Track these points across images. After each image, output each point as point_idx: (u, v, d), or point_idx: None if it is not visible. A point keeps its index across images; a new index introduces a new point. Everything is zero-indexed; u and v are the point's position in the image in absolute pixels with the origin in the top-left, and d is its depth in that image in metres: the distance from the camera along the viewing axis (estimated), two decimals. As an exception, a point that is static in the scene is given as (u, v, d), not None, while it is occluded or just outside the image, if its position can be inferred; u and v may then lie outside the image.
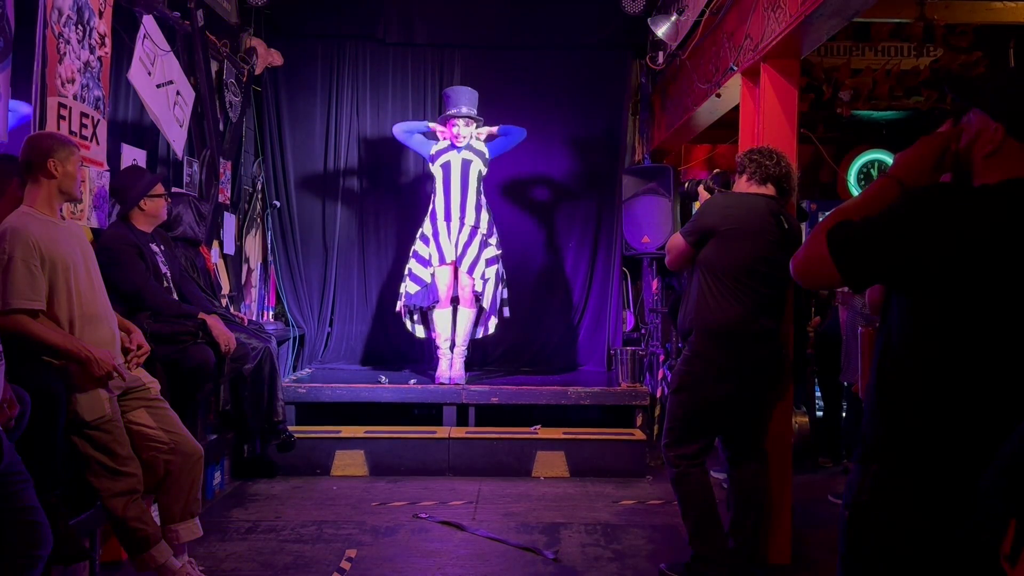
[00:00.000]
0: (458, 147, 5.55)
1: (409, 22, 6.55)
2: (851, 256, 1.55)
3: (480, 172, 5.58)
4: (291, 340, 6.45)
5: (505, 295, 5.81)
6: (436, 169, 5.59)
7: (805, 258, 1.62)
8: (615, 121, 6.68)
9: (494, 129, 5.65)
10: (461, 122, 5.49)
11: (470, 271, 5.53)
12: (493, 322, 5.74)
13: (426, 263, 5.61)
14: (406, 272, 5.69)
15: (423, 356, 6.53)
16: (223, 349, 4.02)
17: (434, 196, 5.64)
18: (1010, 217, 1.47)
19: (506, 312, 5.80)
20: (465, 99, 5.53)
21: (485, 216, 5.64)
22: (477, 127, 5.60)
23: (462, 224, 5.52)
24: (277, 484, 4.95)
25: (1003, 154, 1.54)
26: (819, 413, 5.78)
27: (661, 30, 5.03)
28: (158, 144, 4.72)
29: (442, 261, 5.53)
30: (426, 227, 5.65)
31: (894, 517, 1.53)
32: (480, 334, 5.82)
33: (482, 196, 5.63)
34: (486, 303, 5.66)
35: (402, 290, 5.70)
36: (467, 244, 5.52)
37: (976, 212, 1.48)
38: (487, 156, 5.62)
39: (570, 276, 6.75)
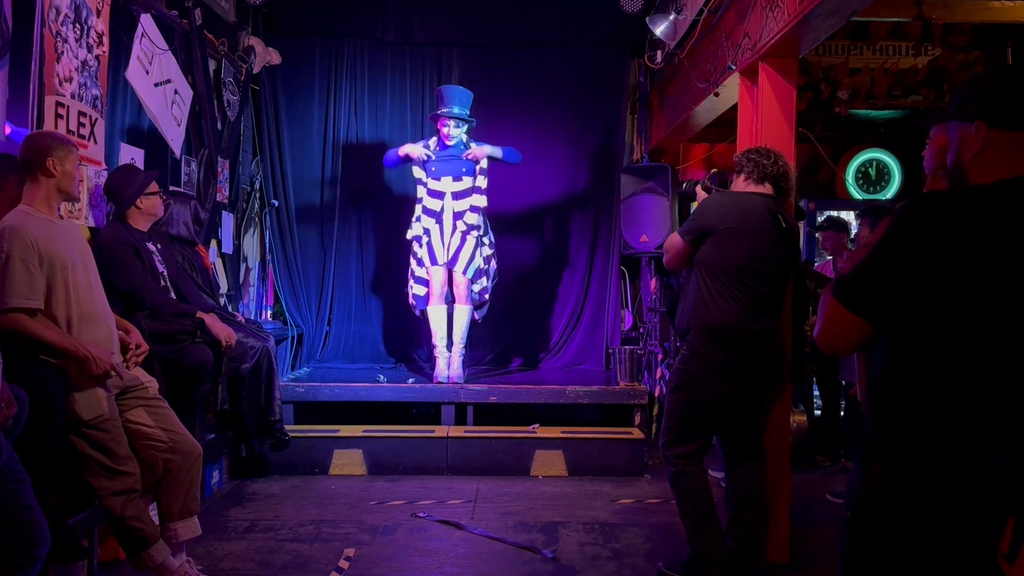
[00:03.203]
0: (448, 146, 5.52)
1: (407, 21, 6.55)
2: (865, 291, 1.54)
3: (472, 191, 5.58)
4: (289, 339, 6.45)
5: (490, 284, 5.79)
6: (427, 174, 5.57)
7: (824, 325, 1.61)
8: (613, 120, 6.68)
9: (497, 153, 5.55)
10: (452, 122, 5.48)
11: (465, 271, 5.52)
12: (479, 315, 5.77)
13: (421, 263, 5.60)
14: (409, 274, 5.70)
15: (421, 355, 6.53)
16: (223, 345, 4.02)
17: (424, 197, 5.60)
18: (1007, 216, 1.47)
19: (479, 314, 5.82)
20: (457, 98, 5.52)
21: (480, 215, 5.63)
22: (469, 135, 5.57)
23: (455, 227, 5.51)
24: (275, 483, 4.95)
25: (991, 149, 1.54)
26: (817, 412, 5.79)
27: (659, 29, 5.03)
28: (156, 143, 4.71)
29: (434, 263, 5.52)
30: (416, 228, 5.62)
31: (896, 517, 1.53)
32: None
33: (476, 197, 5.61)
34: (480, 300, 5.68)
35: (409, 291, 5.70)
36: (460, 246, 5.51)
37: (972, 211, 1.48)
38: (481, 174, 5.58)
39: (568, 275, 6.75)
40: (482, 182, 5.58)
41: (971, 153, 1.56)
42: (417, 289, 5.64)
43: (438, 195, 5.52)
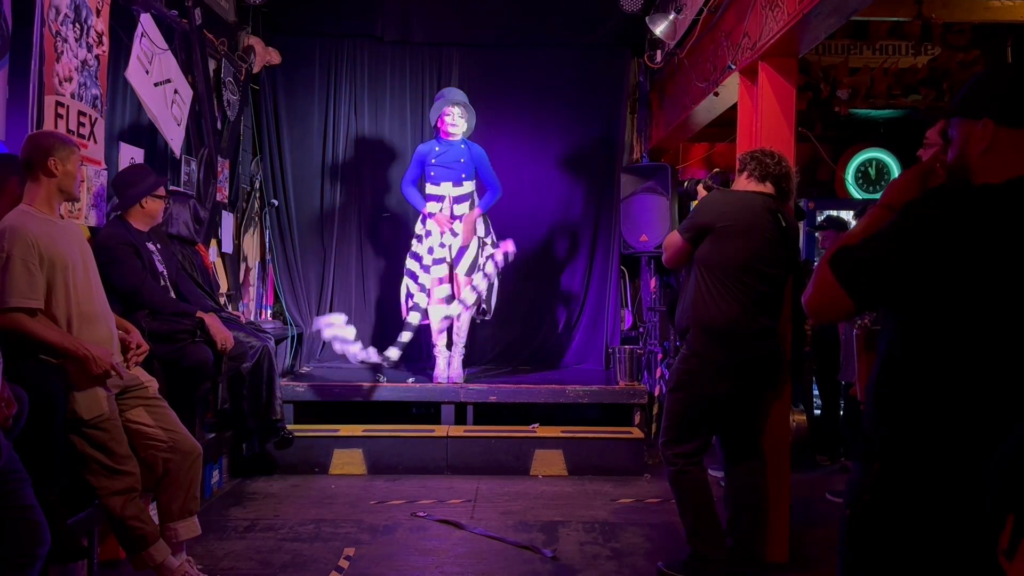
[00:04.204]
0: (450, 141, 5.51)
1: (407, 20, 6.55)
2: (859, 275, 1.54)
3: (472, 195, 5.59)
4: (289, 339, 6.45)
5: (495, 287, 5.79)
6: (427, 179, 5.59)
7: (814, 291, 1.62)
8: (613, 119, 6.68)
9: (470, 226, 5.57)
10: (456, 111, 5.45)
11: (468, 272, 5.52)
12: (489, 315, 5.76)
13: (420, 260, 5.59)
14: (405, 273, 5.68)
15: (421, 355, 6.52)
16: (219, 347, 4.02)
17: (428, 196, 5.62)
18: (1015, 215, 1.47)
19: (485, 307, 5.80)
20: (457, 93, 5.52)
21: (482, 216, 5.63)
22: (467, 123, 5.56)
23: (455, 230, 5.51)
24: (275, 483, 4.95)
25: (998, 147, 1.54)
26: (817, 411, 5.79)
27: (659, 28, 5.03)
28: (156, 143, 4.71)
29: (436, 261, 5.52)
30: (417, 227, 5.63)
31: (896, 516, 1.53)
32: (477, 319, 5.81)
33: (477, 198, 5.62)
34: (485, 301, 5.66)
35: (403, 291, 5.68)
36: (462, 251, 5.51)
37: (980, 211, 1.48)
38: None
39: (568, 275, 6.75)
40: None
41: (978, 151, 1.56)
42: (414, 288, 5.62)
43: (438, 199, 5.52)
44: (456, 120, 5.46)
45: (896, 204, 1.62)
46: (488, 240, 5.67)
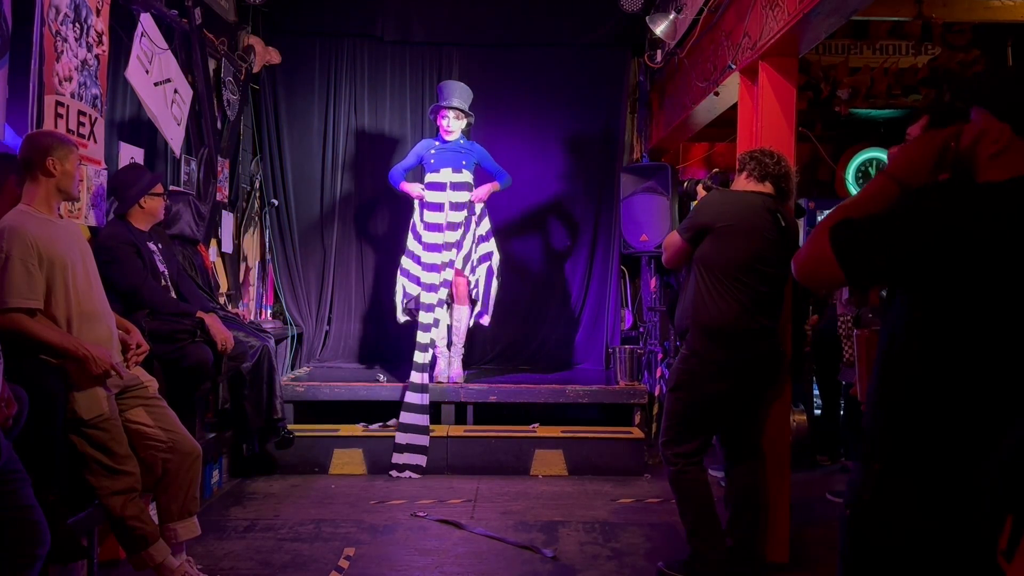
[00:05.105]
0: (447, 142, 5.50)
1: (407, 20, 6.55)
2: (856, 255, 1.54)
3: (471, 185, 5.58)
4: (289, 339, 6.45)
5: (494, 289, 5.76)
6: (426, 167, 5.59)
7: (807, 258, 1.61)
8: (613, 119, 6.68)
9: (496, 188, 5.61)
10: (451, 114, 5.45)
11: (463, 267, 5.52)
12: (486, 318, 5.72)
13: (418, 259, 5.58)
14: (399, 272, 5.65)
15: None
16: (220, 347, 4.02)
17: (424, 193, 5.60)
18: (1017, 214, 1.46)
19: (487, 318, 5.77)
20: (457, 92, 5.51)
21: (480, 209, 5.62)
22: (467, 132, 5.54)
23: (455, 222, 5.51)
24: (275, 483, 4.95)
25: (1010, 153, 1.53)
26: (817, 411, 5.79)
27: (659, 28, 5.03)
28: (156, 142, 4.71)
29: (431, 251, 5.49)
30: (417, 225, 5.62)
31: (896, 516, 1.53)
32: (472, 323, 5.79)
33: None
34: (479, 300, 5.66)
35: (399, 290, 5.66)
36: (460, 242, 5.51)
37: (983, 209, 1.48)
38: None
39: (568, 274, 6.75)
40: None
41: (989, 152, 1.55)
42: (410, 288, 5.61)
43: (439, 187, 5.51)
44: (451, 124, 5.46)
45: (904, 179, 1.60)
46: (482, 230, 5.65)
